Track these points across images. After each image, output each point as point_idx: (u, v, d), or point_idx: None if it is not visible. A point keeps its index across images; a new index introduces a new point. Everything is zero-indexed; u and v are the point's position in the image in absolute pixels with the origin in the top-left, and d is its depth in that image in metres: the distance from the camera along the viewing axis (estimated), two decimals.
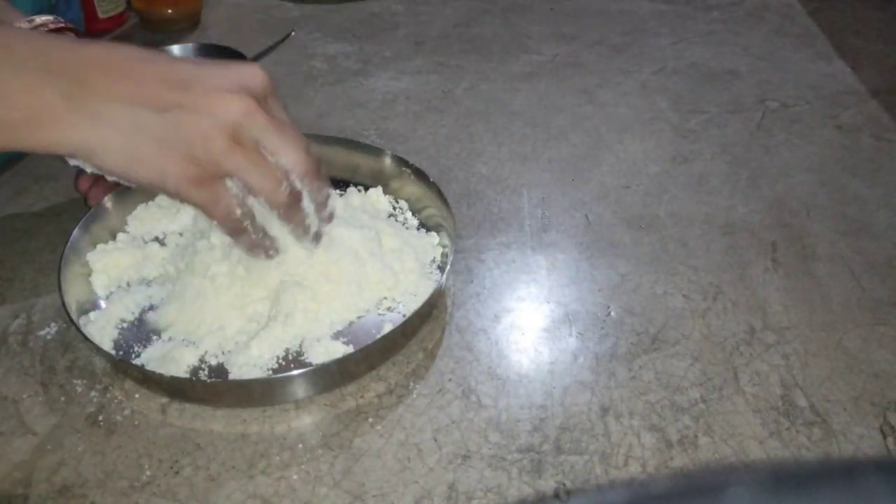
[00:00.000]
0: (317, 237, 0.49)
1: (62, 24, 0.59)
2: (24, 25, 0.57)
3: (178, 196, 0.42)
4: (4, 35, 0.39)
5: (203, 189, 0.42)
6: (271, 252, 0.48)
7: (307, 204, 0.46)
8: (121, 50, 0.41)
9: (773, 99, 0.82)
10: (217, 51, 0.80)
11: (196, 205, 0.43)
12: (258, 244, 0.47)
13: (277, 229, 0.48)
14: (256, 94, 0.41)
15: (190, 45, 0.80)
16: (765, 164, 0.71)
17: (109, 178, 0.43)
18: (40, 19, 0.58)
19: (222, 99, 0.40)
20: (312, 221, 0.47)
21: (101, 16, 0.93)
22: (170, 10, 0.94)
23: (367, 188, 0.62)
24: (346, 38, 0.94)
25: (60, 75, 0.38)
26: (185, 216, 0.58)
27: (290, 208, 0.45)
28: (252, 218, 0.46)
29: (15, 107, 0.38)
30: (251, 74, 0.42)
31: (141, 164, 0.40)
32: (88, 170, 0.42)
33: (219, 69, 0.41)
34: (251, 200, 0.45)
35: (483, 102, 0.80)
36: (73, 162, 0.42)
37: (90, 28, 0.92)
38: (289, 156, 0.42)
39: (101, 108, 0.39)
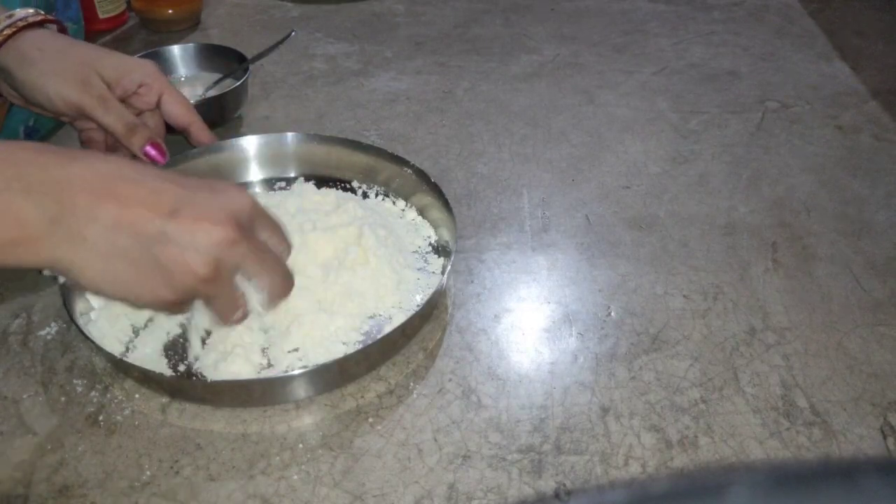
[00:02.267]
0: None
1: (42, 17, 0.58)
2: (3, 20, 0.56)
3: (151, 310, 0.46)
4: None
5: (175, 309, 0.43)
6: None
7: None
8: (108, 167, 0.39)
9: (774, 99, 0.82)
10: (217, 51, 0.80)
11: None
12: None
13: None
14: (242, 220, 0.41)
15: (190, 45, 0.80)
16: (765, 165, 0.71)
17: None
18: (21, 13, 0.57)
19: (206, 229, 0.39)
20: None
21: (101, 16, 0.93)
22: (170, 10, 0.94)
23: (366, 189, 0.63)
24: (346, 39, 0.94)
25: (43, 195, 0.37)
26: None
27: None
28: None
29: None
30: (238, 200, 0.41)
31: (116, 285, 0.40)
32: (61, 281, 0.46)
33: (207, 194, 0.41)
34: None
35: (483, 103, 0.80)
36: (46, 272, 0.41)
37: (90, 28, 0.92)
38: (263, 281, 0.44)
39: (82, 229, 0.38)
